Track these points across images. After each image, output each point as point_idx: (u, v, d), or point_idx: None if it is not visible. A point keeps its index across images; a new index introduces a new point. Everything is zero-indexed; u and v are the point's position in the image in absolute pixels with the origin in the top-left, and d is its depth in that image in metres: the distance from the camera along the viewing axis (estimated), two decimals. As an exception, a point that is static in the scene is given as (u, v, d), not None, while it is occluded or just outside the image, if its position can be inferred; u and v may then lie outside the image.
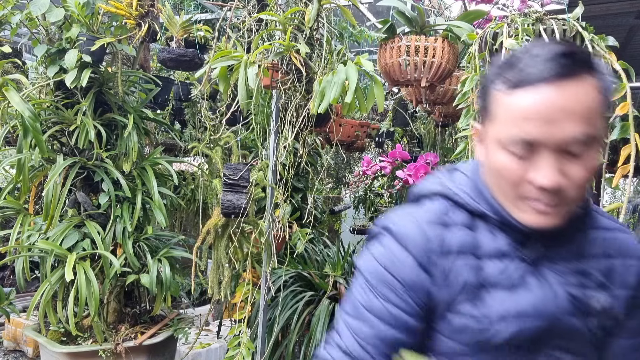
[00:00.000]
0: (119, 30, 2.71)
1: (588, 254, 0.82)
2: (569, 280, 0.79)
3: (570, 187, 0.72)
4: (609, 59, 1.66)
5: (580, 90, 0.70)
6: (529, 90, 0.71)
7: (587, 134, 0.70)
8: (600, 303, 0.79)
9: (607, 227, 0.87)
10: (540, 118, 0.69)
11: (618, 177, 1.64)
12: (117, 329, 2.80)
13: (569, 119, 0.69)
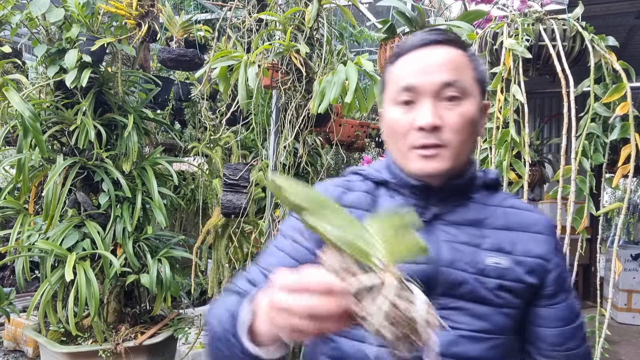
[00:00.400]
0: (119, 30, 2.71)
1: (486, 224, 0.91)
2: (459, 238, 0.88)
3: (448, 129, 0.84)
4: (609, 58, 1.66)
5: (447, 51, 0.87)
6: (408, 54, 0.89)
7: (456, 81, 0.84)
8: (495, 263, 0.86)
9: (515, 207, 0.96)
10: (417, 70, 0.86)
11: (618, 177, 1.64)
12: (117, 329, 2.80)
13: (440, 69, 0.85)
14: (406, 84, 0.86)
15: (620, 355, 4.38)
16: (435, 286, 0.86)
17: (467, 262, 0.86)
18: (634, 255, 5.45)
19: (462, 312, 0.86)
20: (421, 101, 0.86)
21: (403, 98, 0.87)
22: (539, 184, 4.27)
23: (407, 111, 0.87)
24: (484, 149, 1.84)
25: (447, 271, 0.86)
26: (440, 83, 0.84)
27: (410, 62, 0.88)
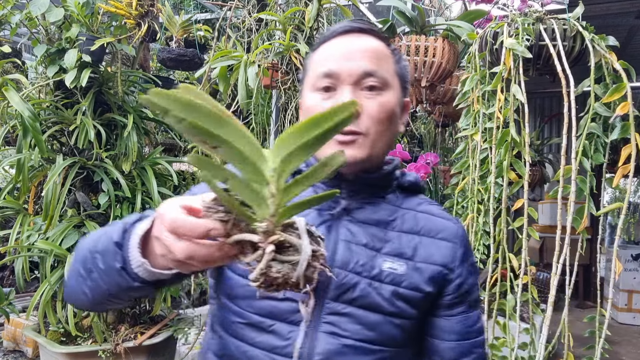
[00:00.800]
0: (119, 30, 2.71)
1: (392, 227, 0.89)
2: (358, 239, 0.85)
3: (366, 117, 0.83)
4: (610, 58, 1.66)
5: (370, 41, 0.87)
6: (329, 42, 0.88)
7: (377, 71, 0.84)
8: (390, 269, 0.84)
9: (428, 212, 0.94)
10: (337, 56, 0.85)
11: (618, 177, 1.64)
12: (116, 329, 2.80)
13: (361, 57, 0.84)
14: (327, 70, 0.85)
15: (620, 356, 4.38)
16: (326, 288, 0.82)
17: (362, 265, 0.83)
18: (635, 256, 5.45)
19: (352, 320, 0.81)
20: (341, 88, 0.84)
21: (323, 84, 0.85)
22: (539, 183, 4.27)
23: (326, 98, 0.86)
24: (484, 149, 1.84)
25: (340, 273, 0.82)
26: (361, 71, 0.83)
27: (332, 48, 0.87)
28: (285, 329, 0.81)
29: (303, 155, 0.50)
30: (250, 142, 0.49)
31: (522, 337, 1.79)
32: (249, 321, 0.84)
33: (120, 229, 0.71)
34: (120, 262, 0.68)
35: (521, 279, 1.68)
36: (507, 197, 1.76)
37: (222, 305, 0.90)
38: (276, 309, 0.82)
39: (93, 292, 0.74)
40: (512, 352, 1.77)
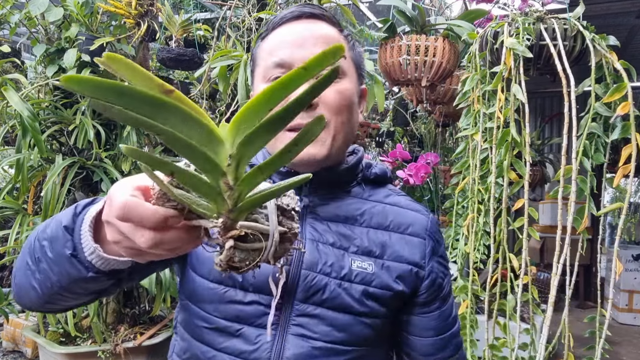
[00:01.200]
0: (118, 29, 2.70)
1: (360, 222, 0.84)
2: (325, 238, 0.81)
3: (325, 108, 0.78)
4: (610, 58, 1.66)
5: (322, 26, 0.82)
6: (279, 29, 0.83)
7: None
8: (360, 268, 0.80)
9: (398, 204, 0.90)
10: (288, 43, 0.79)
11: (619, 177, 1.63)
12: (116, 330, 2.79)
13: (311, 44, 0.79)
14: (278, 59, 0.79)
15: (621, 356, 4.37)
16: (294, 290, 0.79)
17: (331, 265, 0.80)
18: (635, 256, 5.45)
19: (322, 321, 0.78)
20: None
21: (275, 74, 0.80)
22: (539, 183, 4.27)
23: None
24: (484, 149, 1.83)
25: (309, 274, 0.79)
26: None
27: (283, 36, 0.81)
28: (253, 333, 0.78)
29: (268, 133, 0.41)
30: (197, 125, 0.40)
31: (523, 338, 1.78)
32: (216, 326, 0.80)
33: (71, 213, 0.65)
34: (70, 248, 0.62)
35: (521, 279, 1.68)
36: (507, 197, 1.75)
37: (186, 307, 0.86)
38: (243, 312, 0.79)
39: (42, 285, 0.67)
40: (512, 353, 1.76)
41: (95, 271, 0.62)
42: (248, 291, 0.79)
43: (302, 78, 0.38)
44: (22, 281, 0.69)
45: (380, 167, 0.94)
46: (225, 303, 0.80)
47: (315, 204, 0.84)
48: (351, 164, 0.87)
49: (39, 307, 0.72)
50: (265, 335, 0.78)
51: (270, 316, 0.74)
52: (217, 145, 0.41)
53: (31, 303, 0.71)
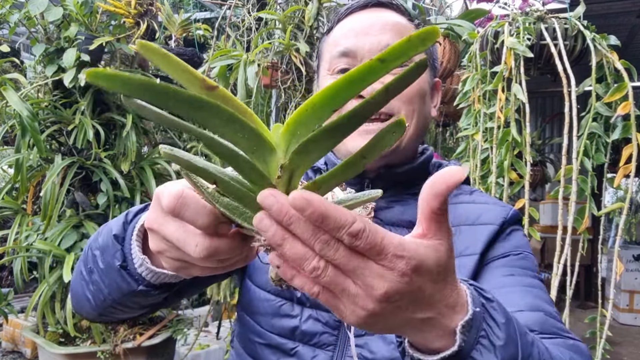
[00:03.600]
0: (118, 29, 2.70)
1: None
2: None
3: (395, 101, 0.72)
4: (611, 58, 1.65)
5: (390, 15, 0.78)
6: (344, 21, 0.79)
7: None
8: None
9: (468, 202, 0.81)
10: (355, 32, 0.75)
11: (620, 177, 1.63)
12: (115, 330, 2.79)
13: (378, 31, 0.74)
14: (343, 49, 0.75)
15: (622, 356, 4.36)
16: None
17: None
18: (636, 256, 5.44)
19: (382, 340, 0.70)
20: None
21: (340, 65, 0.75)
22: (540, 183, 4.26)
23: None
24: (485, 149, 1.83)
25: None
26: (382, 46, 0.72)
27: (349, 25, 0.77)
28: (308, 353, 0.72)
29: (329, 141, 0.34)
30: (243, 128, 0.33)
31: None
32: (269, 342, 0.75)
33: (121, 221, 0.61)
34: (119, 259, 0.58)
35: (522, 280, 1.67)
36: (508, 197, 1.74)
37: (242, 320, 0.82)
38: (298, 329, 0.73)
39: (95, 298, 0.63)
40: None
41: (145, 284, 0.58)
42: (305, 306, 0.74)
43: (377, 73, 0.31)
44: (78, 291, 0.67)
45: (454, 165, 0.87)
46: (281, 317, 0.75)
47: (378, 207, 0.77)
48: (418, 163, 0.81)
49: (95, 318, 0.69)
50: (321, 356, 0.71)
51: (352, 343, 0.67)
52: (267, 152, 0.35)
53: (87, 314, 0.68)
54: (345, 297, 0.39)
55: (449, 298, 0.42)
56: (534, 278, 0.72)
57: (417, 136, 0.78)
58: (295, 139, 0.34)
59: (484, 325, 0.44)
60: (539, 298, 0.67)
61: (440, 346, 0.43)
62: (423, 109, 0.77)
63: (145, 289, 0.58)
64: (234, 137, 0.34)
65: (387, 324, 0.41)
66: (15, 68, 3.15)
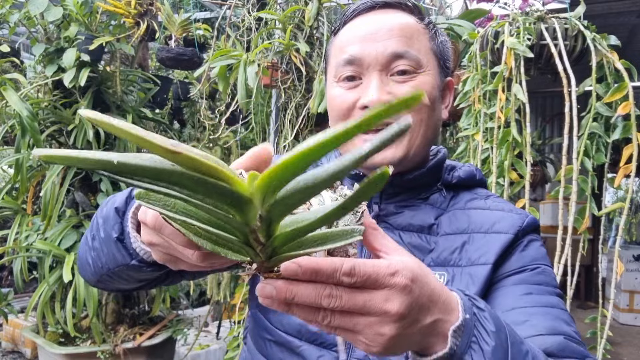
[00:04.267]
0: (118, 29, 2.70)
1: (437, 231, 0.75)
2: None
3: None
4: (611, 58, 1.65)
5: (398, 16, 0.74)
6: (350, 23, 0.76)
7: (407, 52, 0.72)
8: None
9: (482, 207, 0.79)
10: (361, 38, 0.73)
11: (620, 177, 1.63)
12: (115, 330, 2.79)
13: (388, 36, 0.72)
14: (349, 56, 0.73)
15: (622, 357, 4.36)
16: None
17: None
18: (636, 256, 5.44)
19: None
20: (367, 76, 0.73)
21: (346, 73, 0.74)
22: (540, 183, 4.26)
23: (351, 87, 0.74)
24: (485, 149, 1.82)
25: None
26: (388, 53, 0.71)
27: (354, 30, 0.75)
28: (314, 353, 0.71)
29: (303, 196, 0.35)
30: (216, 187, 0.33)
31: (523, 339, 1.78)
32: (277, 339, 0.75)
33: (125, 194, 0.62)
34: (117, 231, 0.59)
35: (522, 280, 1.67)
36: (508, 197, 1.74)
37: (255, 317, 0.82)
38: (304, 327, 0.72)
39: (94, 264, 0.66)
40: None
41: (138, 260, 0.59)
42: None
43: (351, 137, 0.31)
44: (82, 254, 0.69)
45: (466, 170, 0.84)
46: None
47: (388, 212, 0.76)
48: (429, 167, 0.78)
49: (95, 284, 0.71)
50: (327, 356, 0.71)
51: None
52: (243, 204, 0.35)
53: (86, 277, 0.71)
54: (360, 331, 0.42)
55: (442, 295, 0.46)
56: (553, 295, 0.71)
57: (426, 143, 0.76)
58: (271, 189, 0.34)
59: (475, 332, 0.47)
60: (559, 319, 0.67)
61: (436, 349, 0.47)
62: (432, 115, 0.75)
63: (137, 264, 0.59)
64: (208, 193, 0.34)
65: (409, 340, 0.44)
66: (15, 68, 3.14)
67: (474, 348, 0.47)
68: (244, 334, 0.89)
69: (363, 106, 0.71)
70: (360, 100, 0.72)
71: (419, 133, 0.73)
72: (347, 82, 0.74)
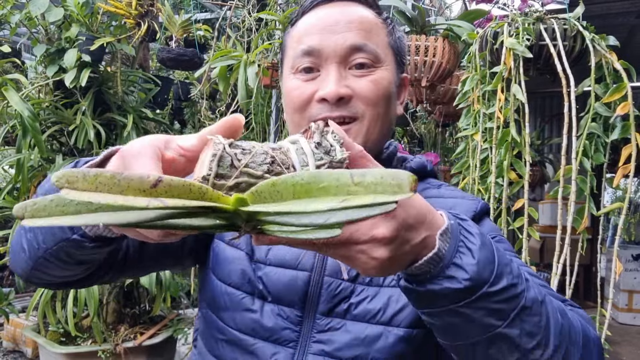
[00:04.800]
0: (119, 29, 2.70)
1: None
2: None
3: (358, 100, 0.71)
4: (610, 58, 1.66)
5: (356, 10, 0.74)
6: (308, 14, 0.75)
7: (366, 45, 0.71)
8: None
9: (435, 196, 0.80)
10: (320, 29, 0.72)
11: (619, 177, 1.63)
12: (116, 330, 2.79)
13: (346, 29, 0.71)
14: (307, 47, 0.72)
15: (621, 356, 4.37)
16: (316, 302, 0.71)
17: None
18: (635, 256, 5.45)
19: (347, 335, 0.69)
20: (325, 68, 0.72)
21: (304, 64, 0.73)
22: (539, 183, 4.27)
23: (309, 79, 0.73)
24: (484, 149, 1.83)
25: (333, 282, 0.71)
26: (347, 45, 0.71)
27: (313, 21, 0.74)
28: (268, 350, 0.70)
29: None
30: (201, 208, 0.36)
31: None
32: (230, 338, 0.73)
33: (70, 167, 0.57)
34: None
35: (521, 279, 1.68)
36: (507, 197, 1.75)
37: (205, 317, 0.80)
38: (259, 324, 0.71)
39: (30, 247, 0.62)
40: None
41: (80, 234, 0.57)
42: (266, 300, 0.73)
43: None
44: (15, 242, 0.66)
45: (417, 161, 0.85)
46: (241, 311, 0.73)
47: None
48: (382, 159, 0.79)
49: (29, 274, 0.67)
50: (282, 353, 0.70)
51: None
52: (228, 215, 0.39)
53: (22, 269, 0.67)
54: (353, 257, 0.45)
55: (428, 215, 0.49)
56: (516, 258, 0.72)
57: (382, 138, 0.76)
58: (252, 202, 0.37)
59: (461, 237, 0.51)
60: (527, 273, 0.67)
61: (426, 253, 0.49)
62: (389, 111, 0.75)
63: (79, 238, 0.57)
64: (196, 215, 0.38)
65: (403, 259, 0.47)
66: (17, 68, 3.15)
67: (462, 251, 0.50)
68: (193, 336, 0.86)
69: (321, 98, 0.70)
70: (317, 93, 0.71)
71: (375, 127, 0.73)
72: (304, 73, 0.73)
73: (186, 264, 0.85)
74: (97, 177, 0.34)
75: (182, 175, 0.45)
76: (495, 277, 0.50)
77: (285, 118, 0.80)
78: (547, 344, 0.53)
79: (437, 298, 0.50)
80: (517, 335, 0.52)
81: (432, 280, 0.49)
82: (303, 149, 0.45)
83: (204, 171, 0.40)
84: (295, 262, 0.74)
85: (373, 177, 0.37)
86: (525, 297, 0.53)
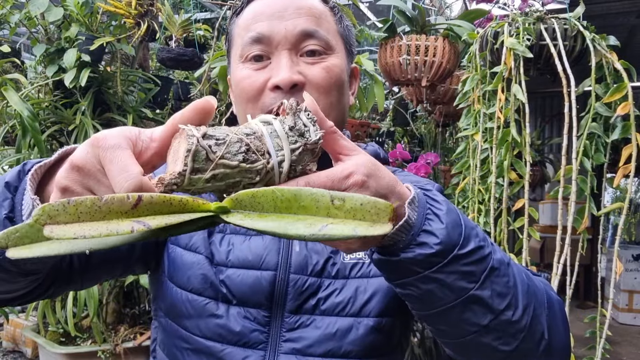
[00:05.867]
0: (118, 29, 2.70)
1: None
2: None
3: (311, 87, 0.69)
4: (610, 58, 1.65)
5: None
6: (255, 2, 0.73)
7: (317, 31, 0.70)
8: (354, 259, 0.73)
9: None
10: (268, 16, 0.70)
11: (619, 177, 1.63)
12: (116, 330, 2.79)
13: (296, 15, 0.70)
14: (257, 34, 0.70)
15: (621, 356, 4.37)
16: (283, 300, 0.70)
17: (324, 263, 0.71)
18: (635, 256, 5.44)
19: (317, 330, 0.69)
20: (276, 55, 0.70)
21: (253, 52, 0.71)
22: (540, 184, 4.27)
23: (259, 68, 0.71)
24: (484, 149, 1.83)
25: (299, 279, 0.71)
26: (298, 31, 0.69)
27: (261, 8, 0.72)
28: (238, 354, 0.69)
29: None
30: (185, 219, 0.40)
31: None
32: (196, 347, 0.71)
33: (17, 170, 0.55)
34: (7, 208, 0.52)
35: (522, 280, 1.68)
36: (507, 197, 1.75)
37: (164, 326, 0.77)
38: (226, 329, 0.70)
39: None
40: (512, 353, 1.76)
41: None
42: (231, 304, 0.71)
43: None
44: None
45: (371, 149, 0.85)
46: (206, 317, 0.71)
47: None
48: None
49: None
50: (252, 357, 0.69)
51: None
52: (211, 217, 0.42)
53: None
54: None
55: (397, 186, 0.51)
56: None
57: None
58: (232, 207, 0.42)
59: (428, 205, 0.53)
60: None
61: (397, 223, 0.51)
62: (342, 100, 0.74)
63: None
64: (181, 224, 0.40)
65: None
66: (16, 68, 3.15)
67: (430, 217, 0.52)
68: (151, 347, 0.82)
69: (274, 86, 0.69)
70: (270, 80, 0.69)
71: (328, 117, 0.72)
72: (254, 62, 0.71)
73: (137, 270, 0.82)
74: (77, 206, 0.35)
75: (155, 163, 0.46)
76: (464, 240, 0.52)
77: (236, 111, 0.78)
78: (516, 304, 0.55)
79: (411, 266, 0.51)
80: (488, 296, 0.54)
81: (405, 250, 0.50)
82: (277, 131, 0.44)
83: (179, 167, 0.41)
84: (259, 262, 0.72)
85: (353, 203, 0.41)
86: (493, 259, 0.55)
